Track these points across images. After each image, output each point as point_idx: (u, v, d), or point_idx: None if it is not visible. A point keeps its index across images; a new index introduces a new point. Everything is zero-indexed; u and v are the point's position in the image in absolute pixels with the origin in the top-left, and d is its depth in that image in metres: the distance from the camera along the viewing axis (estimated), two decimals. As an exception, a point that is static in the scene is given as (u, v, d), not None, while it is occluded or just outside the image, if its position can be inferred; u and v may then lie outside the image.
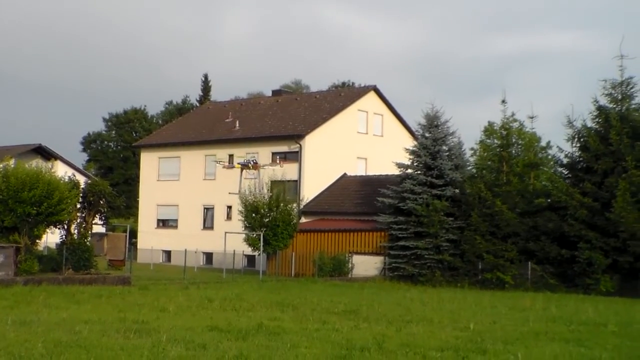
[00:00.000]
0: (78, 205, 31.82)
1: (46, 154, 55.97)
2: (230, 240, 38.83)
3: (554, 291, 31.70)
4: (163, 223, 53.53)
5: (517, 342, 14.25)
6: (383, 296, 26.63)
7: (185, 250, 37.72)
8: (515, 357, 12.27)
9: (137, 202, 56.46)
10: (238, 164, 37.63)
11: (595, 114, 35.58)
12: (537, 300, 25.70)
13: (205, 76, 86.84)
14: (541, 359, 12.20)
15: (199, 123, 56.81)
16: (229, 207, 48.32)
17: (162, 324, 15.22)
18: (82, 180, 35.03)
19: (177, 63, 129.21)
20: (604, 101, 35.42)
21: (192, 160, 52.36)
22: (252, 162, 38.75)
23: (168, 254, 51.78)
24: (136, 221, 56.58)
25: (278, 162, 37.30)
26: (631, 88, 35.01)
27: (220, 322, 15.74)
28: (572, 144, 36.03)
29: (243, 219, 40.16)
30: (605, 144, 33.99)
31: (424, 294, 28.75)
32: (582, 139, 35.55)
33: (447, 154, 38.21)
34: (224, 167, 42.97)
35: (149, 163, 55.03)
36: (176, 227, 52.38)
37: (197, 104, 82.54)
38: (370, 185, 43.62)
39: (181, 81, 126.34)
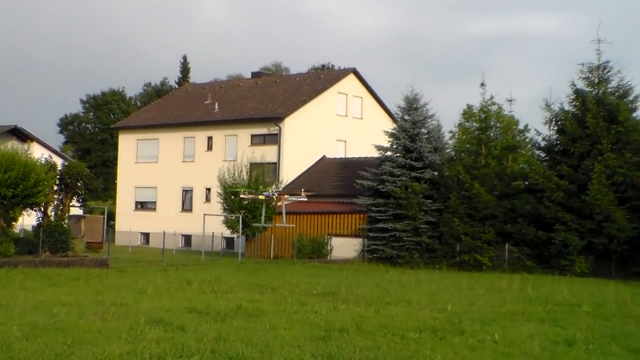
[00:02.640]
0: (55, 188, 31.57)
1: (22, 136, 55.41)
2: (209, 222, 38.79)
3: (531, 272, 32.00)
4: (141, 205, 53.33)
5: (494, 322, 14.39)
6: (362, 278, 26.74)
7: (164, 232, 37.67)
8: (492, 337, 12.40)
9: (115, 184, 56.26)
10: (262, 195, 37.11)
11: (572, 97, 35.87)
12: (514, 282, 25.94)
13: (184, 58, 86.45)
14: (517, 339, 12.34)
15: (178, 105, 56.55)
16: (208, 190, 48.25)
17: (141, 306, 15.21)
18: (59, 162, 34.79)
19: (156, 44, 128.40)
20: (581, 85, 35.73)
21: (171, 142, 52.14)
22: (275, 194, 37.63)
23: (146, 236, 51.65)
24: (114, 203, 56.41)
25: (303, 192, 36.66)
26: (607, 72, 35.27)
27: (199, 304, 15.75)
28: (549, 127, 36.36)
29: (222, 201, 40.13)
30: (582, 127, 34.25)
31: (403, 275, 28.92)
32: (559, 122, 35.82)
33: (426, 136, 38.34)
34: (247, 195, 41.74)
35: (127, 145, 54.71)
36: (155, 209, 52.23)
37: (176, 86, 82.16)
38: (349, 168, 43.71)
39: (160, 63, 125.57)
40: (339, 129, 49.77)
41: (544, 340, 12.41)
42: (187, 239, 49.28)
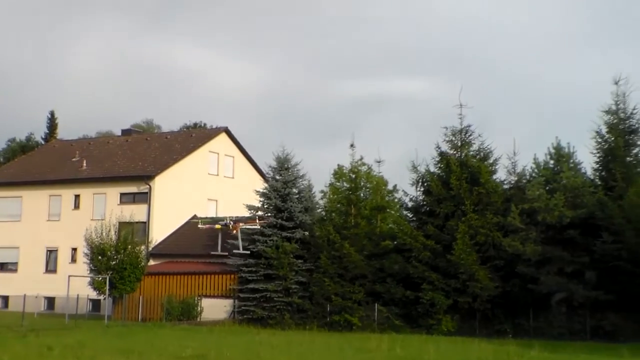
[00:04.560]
0: None
1: None
2: (75, 284, 37.50)
3: (399, 332, 32.53)
4: (1, 267, 50.93)
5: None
6: (232, 340, 26.45)
7: (25, 295, 36.08)
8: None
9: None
10: (219, 224, 37.47)
11: (437, 159, 37.09)
12: (383, 342, 26.26)
13: (52, 113, 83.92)
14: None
15: (44, 162, 54.85)
16: (74, 250, 46.75)
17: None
18: None
19: (21, 98, 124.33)
20: (445, 147, 36.99)
21: (35, 200, 50.31)
22: (231, 223, 38.46)
23: (5, 299, 49.26)
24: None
25: (257, 219, 37.35)
26: (469, 135, 36.82)
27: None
28: (416, 187, 37.33)
29: (88, 261, 38.99)
30: (447, 189, 35.45)
31: (273, 337, 28.78)
32: (425, 183, 36.91)
33: (297, 196, 38.69)
34: (204, 227, 41.96)
35: (-12, 203, 52.35)
36: (16, 270, 49.95)
37: (43, 142, 79.67)
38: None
39: (26, 118, 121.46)
40: (211, 188, 49.57)
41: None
42: (51, 301, 47.32)
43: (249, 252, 37.15)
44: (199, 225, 38.10)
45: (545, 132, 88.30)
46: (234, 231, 38.08)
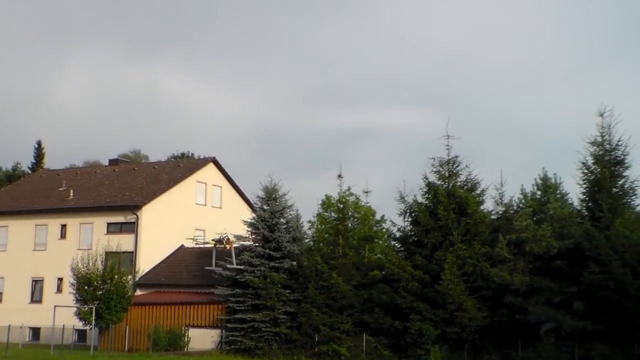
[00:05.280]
0: None
1: None
2: (61, 314, 37.24)
3: (387, 362, 32.43)
4: (-14, 296, 50.50)
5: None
6: (219, 371, 26.29)
7: (9, 325, 35.73)
8: None
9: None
10: (212, 240, 39.05)
11: (425, 189, 37.23)
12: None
13: (39, 143, 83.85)
14: None
15: (30, 191, 54.65)
16: (60, 279, 46.45)
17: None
18: None
19: (7, 128, 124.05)
20: (433, 178, 37.17)
21: (21, 230, 50.05)
22: (225, 239, 38.91)
23: (-11, 329, 48.76)
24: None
25: (248, 235, 37.94)
26: (457, 166, 37.02)
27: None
28: (404, 218, 37.42)
29: (75, 291, 38.73)
30: (435, 219, 35.55)
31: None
32: (413, 214, 37.02)
33: (285, 226, 38.66)
34: (196, 243, 42.54)
35: (-27, 232, 52.04)
36: (0, 300, 49.50)
37: (29, 172, 79.45)
38: (208, 257, 43.26)
39: (12, 147, 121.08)
40: (198, 217, 49.46)
41: None
42: (36, 332, 46.88)
43: (242, 266, 37.14)
44: (194, 243, 39.34)
45: (532, 163, 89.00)
46: (228, 247, 38.37)
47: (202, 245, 42.49)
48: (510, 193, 37.00)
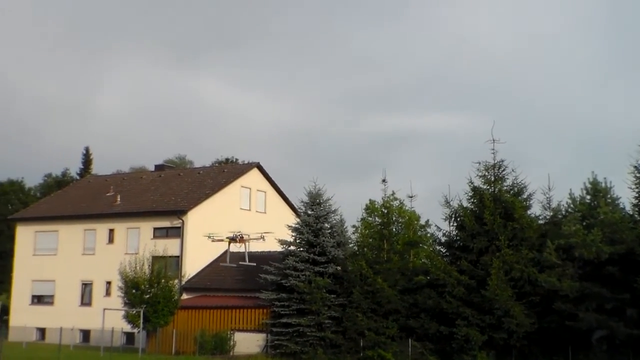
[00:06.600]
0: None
1: None
2: (109, 317, 37.74)
3: (434, 368, 32.21)
4: (38, 299, 51.36)
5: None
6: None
7: (61, 328, 36.32)
8: None
9: (11, 277, 54.17)
10: (227, 237, 39.84)
11: (470, 194, 36.92)
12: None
13: (87, 149, 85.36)
14: None
15: (79, 196, 55.49)
16: (109, 283, 47.04)
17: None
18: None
19: (57, 135, 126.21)
20: (478, 182, 36.86)
21: (71, 234, 50.82)
22: (239, 236, 39.99)
23: (42, 331, 49.64)
24: (9, 297, 54.15)
25: (262, 235, 38.90)
26: (502, 170, 36.66)
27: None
28: (449, 223, 37.13)
29: (123, 295, 39.20)
30: (480, 224, 35.24)
31: (307, 371, 28.62)
32: (458, 219, 36.71)
33: (329, 231, 38.65)
34: (213, 240, 42.68)
35: (25, 237, 53.02)
36: (52, 303, 50.34)
37: (78, 177, 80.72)
38: (252, 262, 43.44)
39: (61, 153, 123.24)
40: (243, 222, 49.55)
41: None
42: (86, 334, 47.57)
43: (254, 264, 37.33)
44: (211, 240, 40.09)
45: (580, 167, 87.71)
46: (241, 245, 39.08)
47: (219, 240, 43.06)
48: (558, 198, 36.53)
